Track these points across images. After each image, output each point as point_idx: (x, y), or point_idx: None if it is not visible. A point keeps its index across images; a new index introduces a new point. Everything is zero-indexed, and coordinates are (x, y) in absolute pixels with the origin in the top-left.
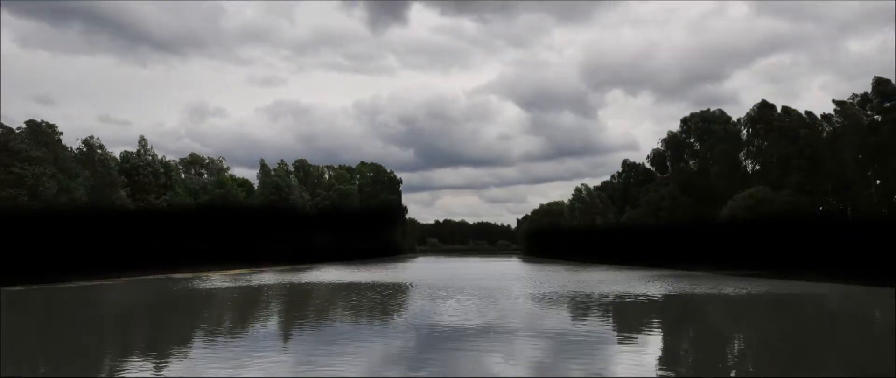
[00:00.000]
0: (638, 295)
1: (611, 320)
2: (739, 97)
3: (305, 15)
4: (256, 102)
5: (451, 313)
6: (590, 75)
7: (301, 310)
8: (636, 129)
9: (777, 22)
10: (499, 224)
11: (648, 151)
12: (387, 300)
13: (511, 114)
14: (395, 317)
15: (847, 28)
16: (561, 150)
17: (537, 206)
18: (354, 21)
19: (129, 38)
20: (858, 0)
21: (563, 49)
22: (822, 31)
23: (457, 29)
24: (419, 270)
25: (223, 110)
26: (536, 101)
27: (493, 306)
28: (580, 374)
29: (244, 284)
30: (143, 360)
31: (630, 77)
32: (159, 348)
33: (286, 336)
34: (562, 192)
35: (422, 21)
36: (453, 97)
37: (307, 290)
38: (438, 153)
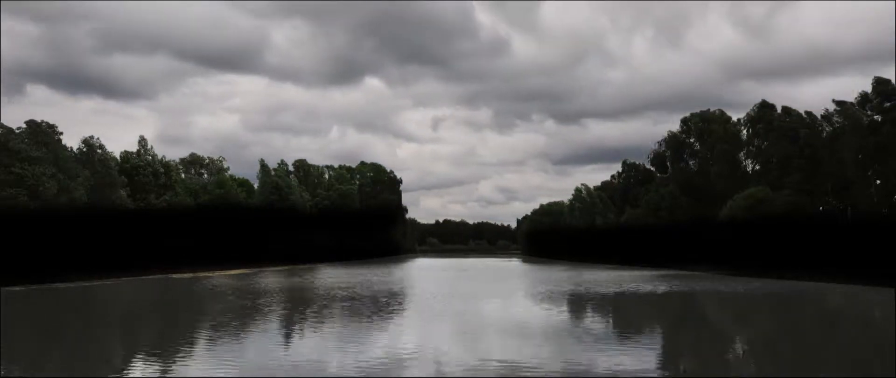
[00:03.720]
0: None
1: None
2: None
3: None
4: None
5: None
6: None
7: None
8: None
9: None
10: (499, 224)
11: None
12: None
13: None
14: None
15: None
16: None
17: (537, 206)
18: None
19: None
20: None
21: None
22: None
23: None
24: (418, 272)
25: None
26: None
27: None
28: None
29: (239, 284)
30: (143, 360)
31: None
32: (157, 347)
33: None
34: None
35: None
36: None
37: (305, 293)
38: None
